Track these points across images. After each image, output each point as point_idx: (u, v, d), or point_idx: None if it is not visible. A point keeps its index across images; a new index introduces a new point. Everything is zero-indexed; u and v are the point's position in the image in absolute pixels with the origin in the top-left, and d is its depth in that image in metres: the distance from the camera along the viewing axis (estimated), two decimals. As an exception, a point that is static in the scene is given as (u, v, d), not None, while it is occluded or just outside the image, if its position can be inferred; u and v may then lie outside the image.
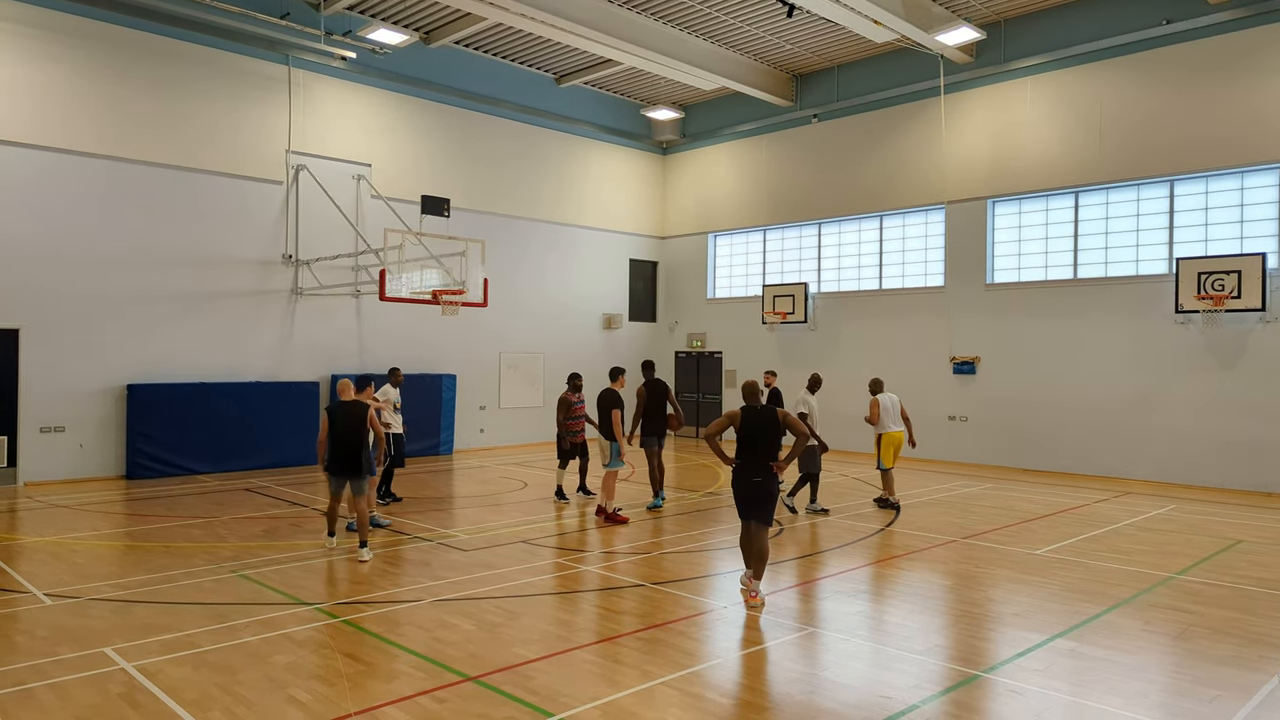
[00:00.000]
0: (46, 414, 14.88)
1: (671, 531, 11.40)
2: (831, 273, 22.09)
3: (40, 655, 6.50)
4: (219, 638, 6.93)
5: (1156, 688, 6.17)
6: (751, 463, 8.09)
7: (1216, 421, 15.75)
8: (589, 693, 5.88)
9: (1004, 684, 6.15)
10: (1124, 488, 15.72)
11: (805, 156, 22.30)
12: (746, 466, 8.11)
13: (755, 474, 8.07)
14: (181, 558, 9.69)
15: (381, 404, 11.97)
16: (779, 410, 8.21)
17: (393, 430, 12.43)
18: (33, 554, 9.85)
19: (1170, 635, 7.28)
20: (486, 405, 21.18)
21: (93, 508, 12.78)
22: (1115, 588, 8.73)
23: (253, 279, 17.29)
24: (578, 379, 13.69)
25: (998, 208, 19.04)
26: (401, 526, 11.52)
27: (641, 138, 24.96)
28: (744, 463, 8.13)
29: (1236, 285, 15.21)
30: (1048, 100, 18.02)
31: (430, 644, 6.83)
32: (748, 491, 8.12)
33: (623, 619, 7.57)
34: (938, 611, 8.03)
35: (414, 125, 19.88)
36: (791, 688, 6.08)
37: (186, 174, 16.41)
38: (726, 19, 18.70)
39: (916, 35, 17.19)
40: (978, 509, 13.36)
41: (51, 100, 14.89)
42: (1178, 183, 16.58)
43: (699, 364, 24.75)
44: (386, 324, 19.08)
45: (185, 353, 16.36)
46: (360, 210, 18.72)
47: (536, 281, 22.34)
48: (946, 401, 19.38)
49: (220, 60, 16.79)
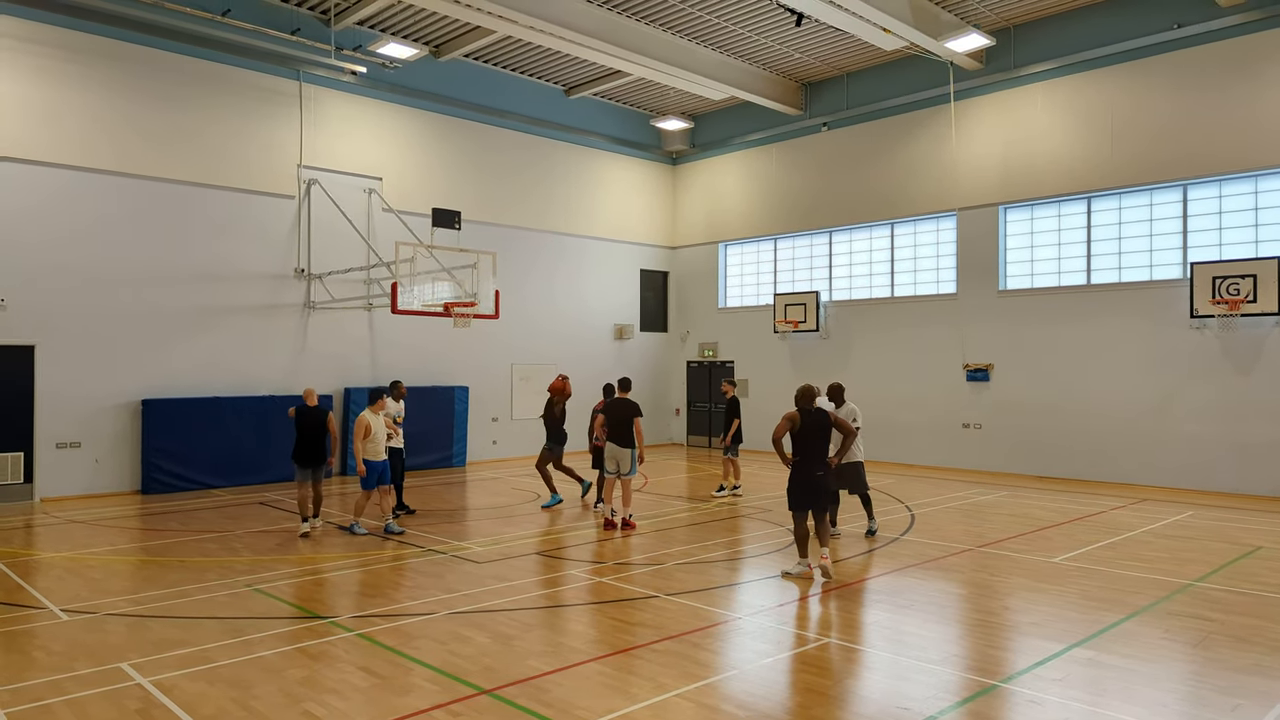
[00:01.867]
0: (62, 430, 14.97)
1: (685, 542, 11.36)
2: (843, 281, 22.05)
3: (57, 671, 6.53)
4: (234, 652, 6.94)
5: (1176, 697, 6.10)
6: (811, 459, 9.17)
7: (1234, 426, 15.62)
8: (604, 705, 5.85)
9: (1022, 694, 6.10)
10: (1141, 494, 15.60)
11: (815, 165, 22.29)
12: (807, 463, 9.17)
13: (816, 469, 9.17)
14: (196, 572, 9.72)
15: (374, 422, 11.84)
16: (829, 413, 9.31)
17: (392, 444, 12.43)
18: (49, 569, 9.90)
19: (1190, 643, 7.21)
20: (499, 417, 21.20)
21: (108, 523, 12.84)
22: (1134, 595, 8.65)
23: (265, 293, 17.38)
24: (613, 389, 13.59)
25: (1009, 214, 18.97)
26: (415, 539, 11.52)
27: (651, 148, 25.01)
28: (804, 460, 9.18)
29: (1252, 289, 15.10)
30: (1059, 106, 17.97)
31: (445, 657, 6.82)
32: (810, 484, 9.17)
33: (637, 631, 7.54)
34: (954, 621, 7.97)
35: (424, 138, 19.97)
36: (807, 699, 6.04)
37: (199, 190, 16.52)
38: (735, 29, 18.73)
39: (926, 42, 17.18)
40: (993, 517, 13.27)
41: (66, 118, 15.03)
42: (1191, 187, 16.49)
43: (711, 374, 24.72)
44: (398, 337, 19.13)
45: (199, 367, 16.44)
46: (372, 224, 18.81)
47: (547, 293, 22.37)
48: (960, 409, 19.29)
49: (232, 76, 16.92)
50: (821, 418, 9.21)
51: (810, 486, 9.18)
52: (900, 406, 19.99)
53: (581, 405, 18.99)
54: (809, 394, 9.28)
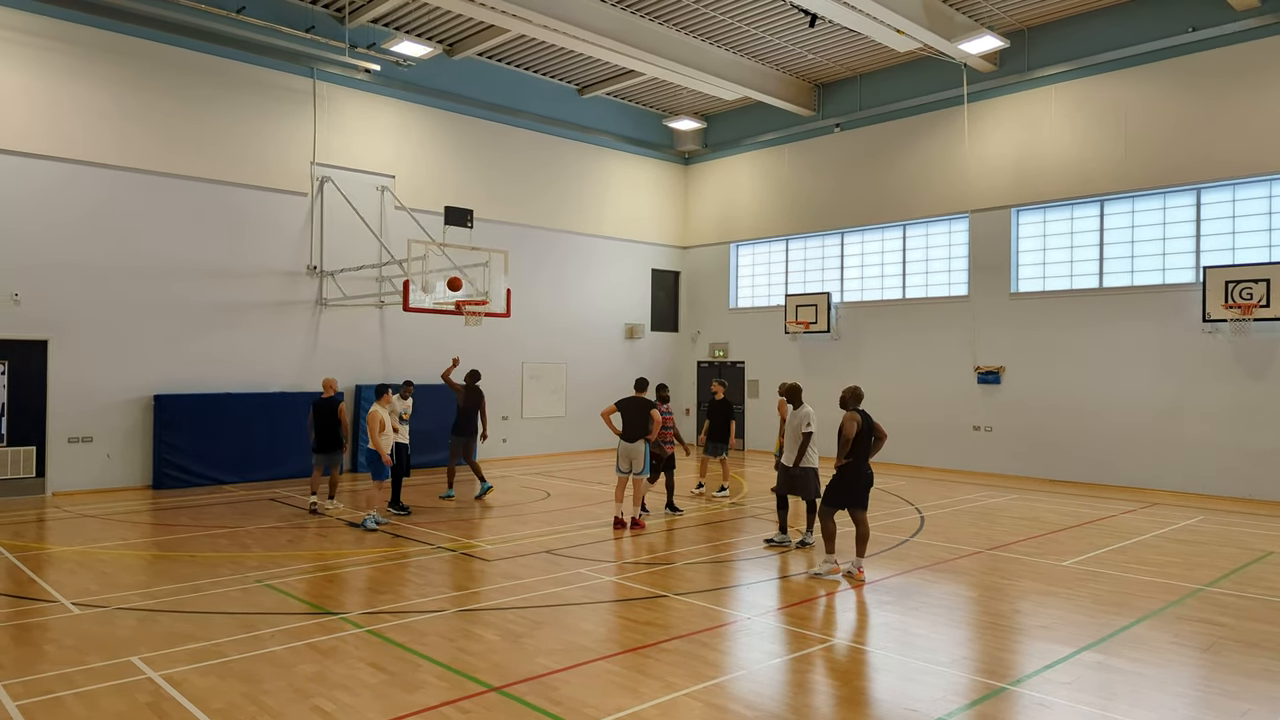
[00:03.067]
0: (74, 424, 15.07)
1: (694, 542, 11.37)
2: (854, 282, 22.02)
3: (68, 664, 6.57)
4: (245, 647, 6.98)
5: (1185, 701, 6.08)
6: (863, 459, 9.35)
7: (1245, 431, 15.53)
8: (613, 704, 5.87)
9: (1031, 696, 6.09)
10: (1151, 498, 15.53)
11: (828, 166, 22.26)
12: (859, 462, 9.34)
13: (866, 468, 9.39)
14: (207, 567, 9.78)
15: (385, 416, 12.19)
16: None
17: (397, 439, 12.70)
18: (60, 563, 9.97)
19: (1200, 648, 7.18)
20: (509, 415, 21.23)
21: (120, 517, 12.92)
22: (1143, 600, 8.62)
23: (278, 290, 17.45)
24: (664, 390, 13.64)
25: (1022, 216, 18.91)
26: (425, 536, 11.55)
27: (664, 148, 25.01)
28: (859, 458, 9.32)
29: (1265, 294, 15.02)
30: (1072, 108, 17.90)
31: (454, 654, 6.85)
32: (864, 482, 9.38)
33: (646, 630, 7.55)
34: (964, 623, 7.96)
35: (437, 136, 20.02)
36: (816, 699, 6.05)
37: (213, 186, 16.60)
38: (748, 29, 18.72)
39: (939, 44, 17.13)
40: (1003, 520, 13.23)
41: (80, 113, 15.13)
42: (1204, 190, 16.41)
43: (721, 374, 24.68)
44: (410, 334, 19.18)
45: (212, 363, 16.52)
46: (384, 221, 18.86)
47: (558, 291, 22.40)
48: (971, 411, 19.24)
49: (246, 74, 17.00)
50: (870, 419, 9.38)
51: (855, 486, 9.31)
52: (911, 408, 19.94)
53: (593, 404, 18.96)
54: (860, 396, 9.48)
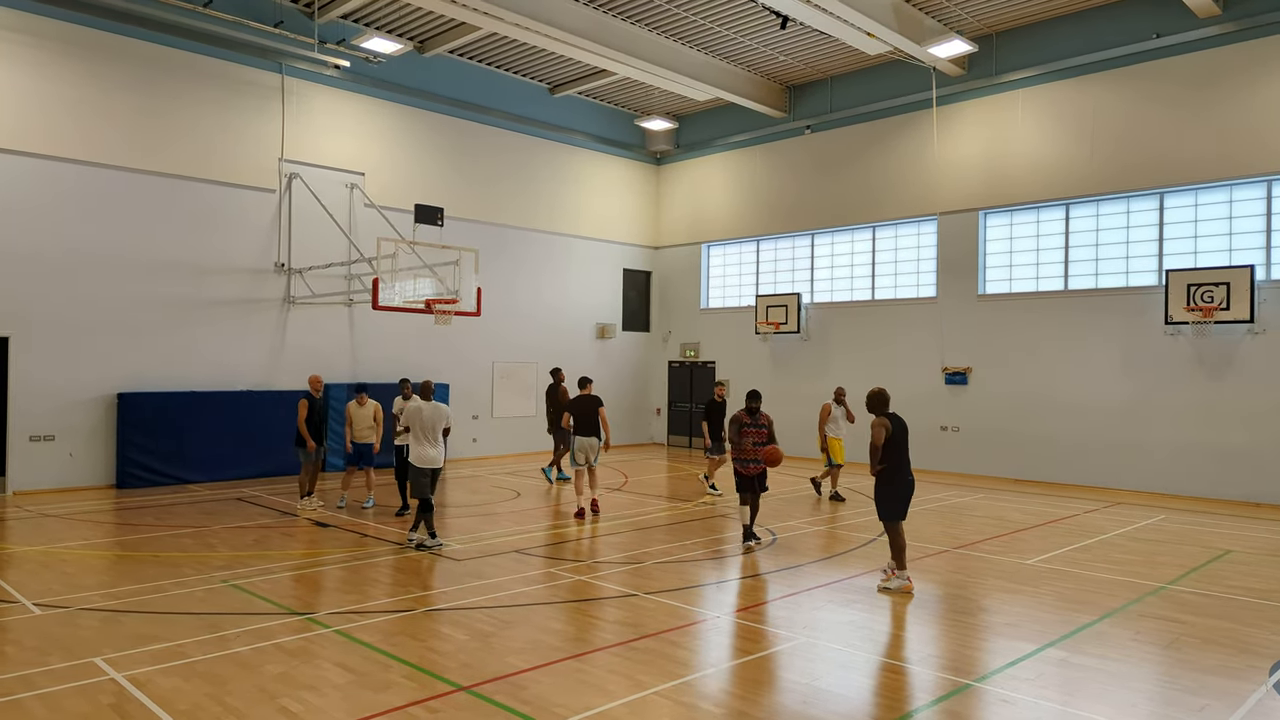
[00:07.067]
0: (36, 423, 14.80)
1: (663, 541, 11.39)
2: (824, 283, 22.15)
3: (29, 666, 6.47)
4: (210, 648, 6.90)
5: (1146, 697, 6.19)
6: (903, 465, 8.87)
7: (1206, 432, 15.81)
8: (582, 702, 5.87)
9: (995, 693, 6.17)
10: (1114, 498, 15.77)
11: (798, 167, 22.38)
12: (902, 470, 8.85)
13: (908, 475, 8.90)
14: (172, 567, 9.65)
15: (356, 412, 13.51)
16: None
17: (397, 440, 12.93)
18: (22, 563, 9.80)
19: (1160, 645, 7.31)
20: (479, 414, 21.15)
21: (82, 517, 12.72)
22: (1106, 597, 8.75)
23: (245, 287, 17.26)
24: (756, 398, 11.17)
25: (989, 219, 19.12)
26: (394, 536, 11.49)
27: (635, 148, 25.03)
28: (898, 467, 8.84)
29: (1225, 297, 15.30)
30: (1039, 112, 18.13)
31: (423, 654, 6.82)
32: (904, 491, 8.86)
33: (615, 629, 7.56)
34: (930, 621, 8.04)
35: (408, 134, 19.90)
36: (784, 697, 6.09)
37: (179, 181, 16.38)
38: (720, 30, 18.78)
39: (909, 47, 17.28)
40: (969, 519, 13.38)
41: (42, 107, 14.87)
42: (1167, 195, 16.68)
43: (692, 374, 24.76)
44: (379, 333, 19.05)
45: (177, 361, 16.30)
46: (353, 219, 18.72)
47: (530, 291, 22.34)
48: (938, 412, 19.42)
49: (213, 68, 16.79)
50: (904, 422, 8.97)
51: (904, 494, 8.87)
52: (879, 409, 20.04)
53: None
54: (886, 399, 9.06)
